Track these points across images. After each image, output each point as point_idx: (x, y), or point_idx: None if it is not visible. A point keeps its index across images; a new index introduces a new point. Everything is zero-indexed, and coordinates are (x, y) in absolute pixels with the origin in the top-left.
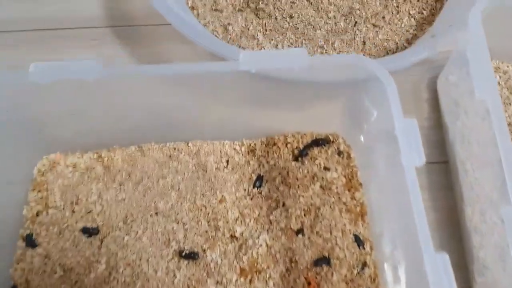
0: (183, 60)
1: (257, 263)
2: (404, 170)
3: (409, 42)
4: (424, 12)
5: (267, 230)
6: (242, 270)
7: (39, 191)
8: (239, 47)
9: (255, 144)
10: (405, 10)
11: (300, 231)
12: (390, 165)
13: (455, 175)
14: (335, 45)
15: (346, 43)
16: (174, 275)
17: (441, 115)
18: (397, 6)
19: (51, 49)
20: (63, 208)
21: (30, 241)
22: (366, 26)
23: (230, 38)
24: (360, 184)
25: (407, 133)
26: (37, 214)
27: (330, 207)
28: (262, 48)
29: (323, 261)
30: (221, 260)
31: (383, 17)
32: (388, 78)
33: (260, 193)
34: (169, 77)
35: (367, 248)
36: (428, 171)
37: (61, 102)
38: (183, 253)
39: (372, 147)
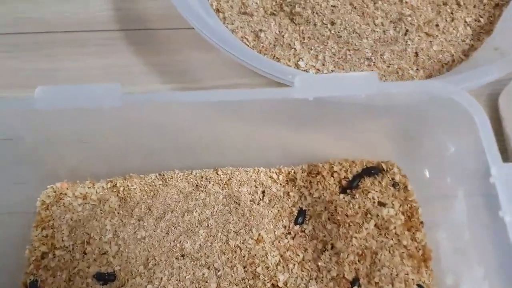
0: (205, 70)
1: None
2: (506, 228)
3: (466, 54)
4: (481, 19)
5: (315, 279)
6: None
7: (44, 228)
8: (273, 57)
9: (295, 172)
10: (460, 17)
11: (355, 281)
12: (475, 210)
13: None
14: (385, 57)
15: (397, 55)
16: None
17: (506, 139)
18: (452, 13)
19: (52, 55)
20: (73, 249)
21: None
22: (418, 36)
23: (263, 46)
24: (421, 223)
25: (508, 183)
26: (42, 257)
27: (389, 251)
28: (300, 59)
29: None
30: None
31: (437, 25)
32: (482, 114)
33: (303, 231)
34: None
35: None
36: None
37: (69, 124)
38: None
39: (443, 185)
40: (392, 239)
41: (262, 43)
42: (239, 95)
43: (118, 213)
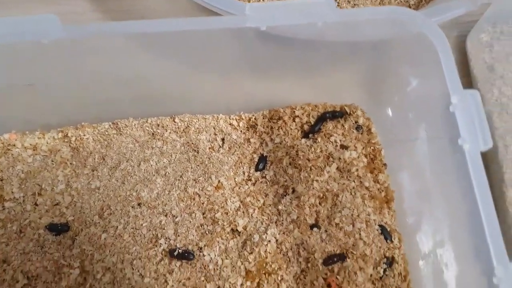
0: (149, 9)
1: (266, 264)
2: (465, 156)
3: None
4: None
5: (276, 223)
6: (248, 272)
7: None
8: None
9: (255, 118)
10: None
11: (315, 223)
12: (437, 146)
13: (493, 152)
14: None
15: None
16: (166, 281)
17: (472, 80)
18: None
19: None
20: (23, 201)
21: None
22: None
23: None
24: (384, 165)
25: (468, 110)
26: None
27: (351, 193)
28: None
29: (336, 258)
30: (222, 260)
31: None
32: (442, 37)
33: (264, 177)
34: (149, 38)
35: (395, 241)
36: None
37: (11, 69)
38: (175, 253)
39: (405, 122)
40: (354, 181)
41: None
42: (190, 24)
43: (70, 163)
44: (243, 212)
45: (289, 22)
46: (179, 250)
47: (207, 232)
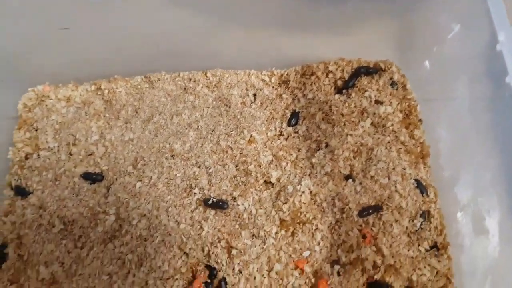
0: None
1: (300, 213)
2: None
3: None
4: None
5: (309, 175)
6: (282, 221)
7: (27, 130)
8: None
9: (287, 74)
10: None
11: (350, 175)
12: (477, 97)
13: None
14: None
15: None
16: (201, 227)
17: None
18: None
19: None
20: (58, 150)
21: (20, 189)
22: None
23: None
24: (420, 121)
25: None
26: (26, 157)
27: (386, 147)
28: None
29: (371, 209)
30: (256, 210)
31: None
32: None
33: (297, 132)
34: None
35: (431, 195)
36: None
37: (45, 20)
38: (209, 202)
39: (444, 74)
40: (389, 136)
41: None
42: None
43: (104, 116)
44: (276, 165)
45: None
46: (213, 200)
47: (240, 183)
